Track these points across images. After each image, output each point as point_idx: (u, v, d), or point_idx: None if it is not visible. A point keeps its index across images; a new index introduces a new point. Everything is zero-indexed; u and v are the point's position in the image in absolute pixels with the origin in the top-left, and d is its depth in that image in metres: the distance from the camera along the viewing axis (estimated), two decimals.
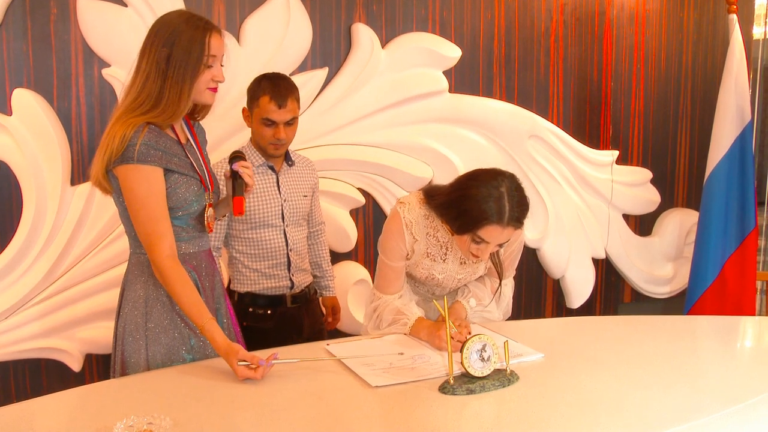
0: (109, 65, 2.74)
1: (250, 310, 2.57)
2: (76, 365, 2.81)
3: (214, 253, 2.17)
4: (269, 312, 2.58)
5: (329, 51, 3.14)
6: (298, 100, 2.53)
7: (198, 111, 2.02)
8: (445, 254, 2.17)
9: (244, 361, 1.70)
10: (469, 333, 1.96)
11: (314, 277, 2.79)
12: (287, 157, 2.61)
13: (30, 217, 2.66)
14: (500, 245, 2.01)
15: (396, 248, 2.14)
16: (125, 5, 2.72)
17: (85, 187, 2.73)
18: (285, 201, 2.57)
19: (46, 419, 1.56)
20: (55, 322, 2.75)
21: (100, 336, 2.79)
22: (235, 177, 2.01)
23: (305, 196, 2.66)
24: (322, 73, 3.10)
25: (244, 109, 2.55)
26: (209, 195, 1.98)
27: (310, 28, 3.05)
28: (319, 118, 3.11)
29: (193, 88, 1.86)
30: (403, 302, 2.19)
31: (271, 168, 2.57)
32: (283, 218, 2.56)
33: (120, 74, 2.72)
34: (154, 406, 1.55)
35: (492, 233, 1.92)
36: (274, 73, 2.55)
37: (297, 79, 3.02)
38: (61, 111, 2.71)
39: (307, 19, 3.03)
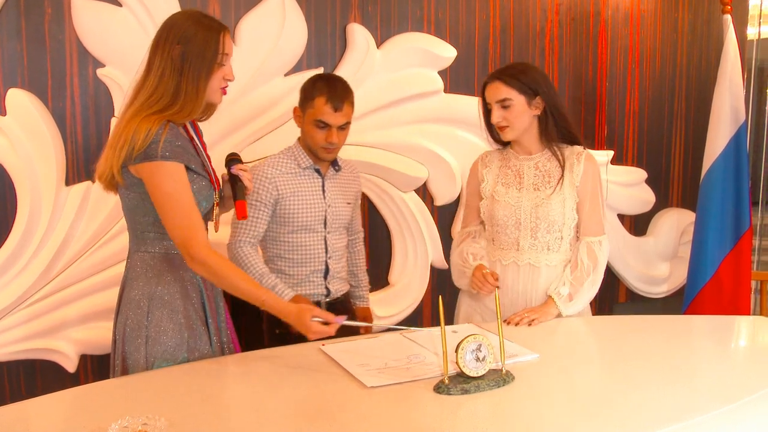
0: (103, 65, 2.74)
1: (276, 332, 2.40)
2: (70, 366, 2.80)
3: (243, 248, 2.37)
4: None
5: (324, 51, 3.14)
6: (353, 104, 2.48)
7: (204, 111, 2.02)
8: (520, 183, 2.35)
9: (318, 318, 1.79)
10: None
11: (350, 286, 2.72)
12: (334, 162, 2.55)
13: (24, 218, 2.65)
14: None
15: (469, 184, 2.53)
16: (120, 5, 2.71)
17: (80, 188, 2.73)
18: (329, 207, 2.51)
19: (40, 420, 1.56)
20: (50, 322, 2.75)
21: (96, 337, 2.79)
22: (234, 181, 2.01)
23: (348, 203, 2.60)
24: (317, 73, 3.10)
25: (295, 109, 2.50)
26: (216, 194, 1.99)
27: (305, 28, 3.05)
28: None
29: (208, 86, 1.87)
30: (470, 246, 2.45)
31: (318, 171, 2.51)
32: (325, 224, 2.51)
33: (115, 74, 2.72)
34: (149, 407, 1.55)
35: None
36: (329, 74, 2.52)
37: (292, 80, 3.03)
38: (56, 111, 2.70)
39: (302, 19, 3.03)
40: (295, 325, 1.84)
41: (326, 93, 2.38)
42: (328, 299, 2.55)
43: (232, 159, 2.07)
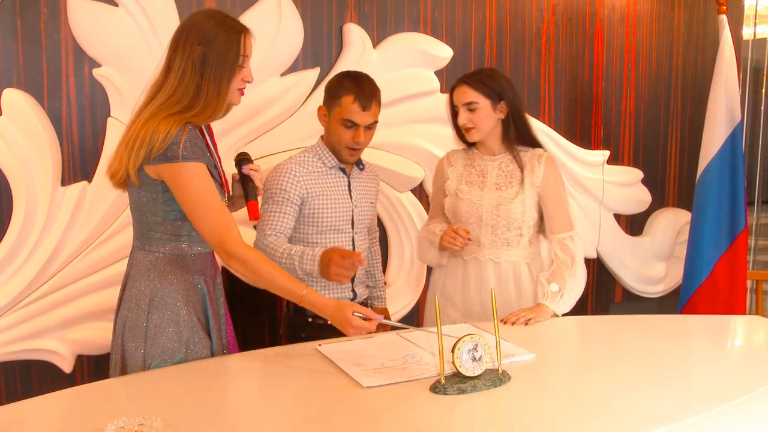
0: (99, 65, 2.73)
1: (310, 320, 2.39)
2: (67, 366, 2.79)
3: (267, 238, 2.31)
4: (330, 323, 2.37)
5: (321, 51, 3.14)
6: (380, 102, 2.42)
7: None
8: (483, 182, 2.46)
9: (359, 313, 1.79)
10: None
11: (366, 286, 2.66)
12: (358, 162, 2.51)
13: (20, 218, 2.65)
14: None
15: (435, 182, 2.64)
16: (116, 5, 2.71)
17: (76, 188, 2.72)
18: (355, 207, 2.47)
19: (36, 421, 1.55)
20: (46, 323, 2.74)
21: (92, 337, 2.78)
22: (245, 181, 2.01)
23: (372, 203, 2.57)
24: (313, 73, 3.10)
25: (320, 108, 2.44)
26: (227, 197, 1.99)
27: (301, 28, 3.04)
28: (311, 119, 3.09)
29: (229, 88, 1.86)
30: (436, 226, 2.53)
31: (343, 171, 2.46)
32: (352, 225, 2.46)
33: (111, 74, 2.71)
34: (146, 407, 1.54)
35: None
36: (356, 71, 2.43)
37: (288, 80, 3.03)
38: (52, 111, 2.70)
39: (298, 19, 3.03)
40: (334, 319, 1.82)
41: (354, 91, 2.33)
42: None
43: (243, 158, 2.06)
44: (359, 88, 2.34)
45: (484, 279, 2.46)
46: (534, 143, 2.49)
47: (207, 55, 1.82)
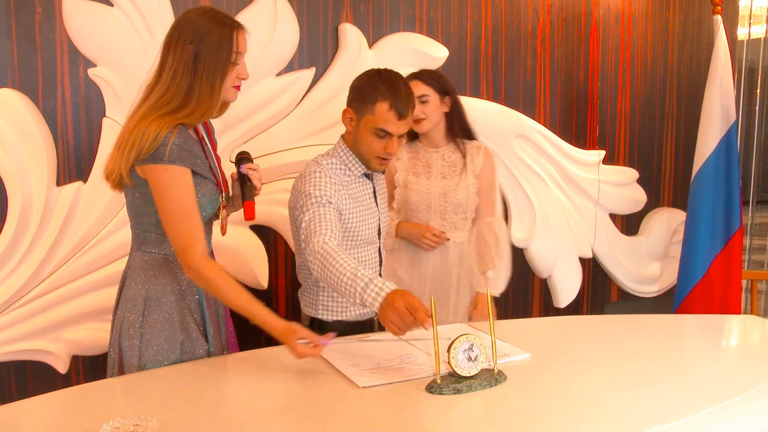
0: (95, 65, 2.72)
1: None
2: (62, 367, 2.79)
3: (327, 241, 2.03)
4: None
5: (316, 51, 3.14)
6: (415, 107, 2.22)
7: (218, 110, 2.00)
8: (429, 172, 2.65)
9: (304, 339, 1.75)
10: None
11: None
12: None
13: (15, 219, 2.64)
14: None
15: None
16: (111, 5, 2.70)
17: (71, 188, 2.71)
18: (381, 214, 2.34)
19: (31, 421, 1.55)
20: (41, 323, 2.73)
21: (87, 337, 2.78)
22: (243, 180, 2.00)
23: (390, 207, 2.57)
24: (309, 73, 3.10)
25: (346, 110, 2.20)
26: (223, 197, 1.98)
27: (297, 28, 3.04)
28: (306, 119, 3.10)
29: (223, 86, 1.85)
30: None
31: (368, 177, 2.28)
32: (379, 233, 2.33)
33: (106, 74, 2.71)
34: (141, 408, 1.54)
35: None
36: (388, 72, 2.18)
37: (284, 80, 3.03)
38: (47, 111, 2.69)
39: (294, 19, 3.03)
40: (281, 340, 1.78)
41: (390, 97, 2.09)
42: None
43: (243, 158, 2.05)
44: (395, 93, 2.10)
45: (433, 261, 2.67)
46: (471, 136, 2.73)
47: (200, 52, 1.81)
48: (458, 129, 2.68)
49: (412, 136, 2.69)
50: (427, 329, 1.65)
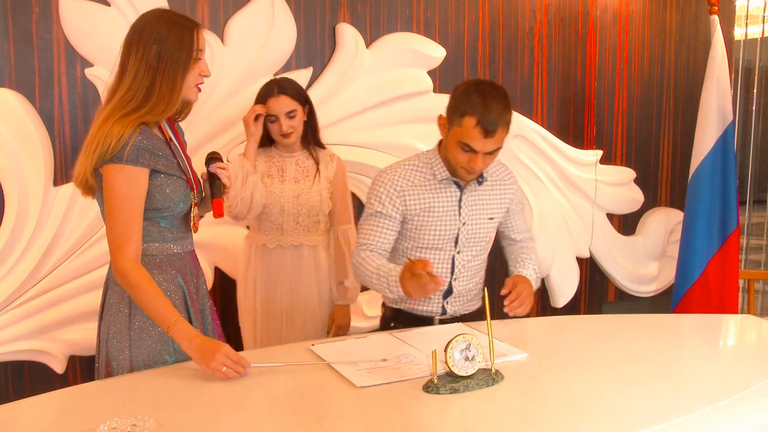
0: (92, 65, 2.72)
1: (392, 325, 2.32)
2: (59, 367, 2.79)
3: (361, 253, 2.22)
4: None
5: (313, 51, 3.13)
6: (509, 125, 2.10)
7: (180, 111, 2.01)
8: (282, 176, 2.65)
9: (227, 359, 1.70)
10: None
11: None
12: (479, 174, 2.23)
13: (12, 218, 2.64)
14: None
15: None
16: (108, 4, 2.70)
17: (68, 188, 2.71)
18: (463, 225, 2.24)
19: (28, 422, 1.55)
20: (38, 323, 2.73)
21: (84, 338, 2.77)
22: (212, 179, 2.01)
23: (491, 218, 2.31)
24: (306, 73, 3.10)
25: (440, 117, 2.17)
26: (194, 194, 1.98)
27: (294, 28, 3.04)
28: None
29: (185, 82, 1.86)
30: None
31: (456, 184, 2.22)
32: (456, 243, 2.26)
33: (103, 74, 2.70)
34: (138, 408, 1.54)
35: None
36: (486, 82, 2.11)
37: None
38: (44, 111, 2.69)
39: (291, 18, 3.03)
40: (196, 355, 1.74)
41: (478, 113, 2.01)
42: (442, 317, 2.33)
43: (212, 158, 2.07)
44: (485, 109, 2.01)
45: (287, 265, 2.68)
46: (322, 144, 2.77)
47: (161, 52, 1.82)
48: (311, 137, 2.71)
49: (269, 141, 2.69)
50: (439, 285, 1.92)
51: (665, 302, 4.02)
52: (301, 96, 2.64)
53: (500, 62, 3.58)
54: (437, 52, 3.34)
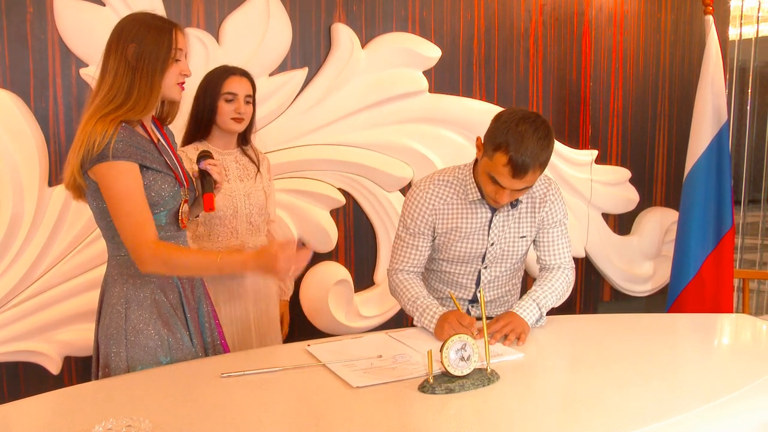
0: (86, 65, 2.72)
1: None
2: (54, 368, 2.78)
3: (398, 275, 2.25)
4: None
5: (309, 51, 3.13)
6: (544, 166, 2.00)
7: (167, 113, 2.02)
8: (227, 175, 2.46)
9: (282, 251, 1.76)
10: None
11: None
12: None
13: (7, 219, 2.63)
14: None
15: None
16: (103, 4, 2.70)
17: (63, 189, 2.69)
18: (491, 244, 2.22)
19: (24, 423, 1.55)
20: (34, 324, 2.73)
21: (79, 338, 2.77)
22: (203, 175, 2.03)
23: (523, 236, 2.24)
24: (301, 73, 3.10)
25: (479, 139, 2.10)
26: (185, 191, 1.98)
27: (289, 28, 3.04)
28: (299, 119, 3.10)
29: (163, 81, 1.87)
30: None
31: (488, 204, 2.18)
32: (483, 259, 2.25)
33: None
34: (134, 409, 1.54)
35: None
36: (532, 118, 1.97)
37: (276, 80, 3.03)
38: (38, 111, 2.68)
39: (286, 18, 3.02)
40: (259, 264, 1.79)
41: (511, 152, 1.92)
42: None
43: (203, 156, 2.08)
44: (519, 149, 1.91)
45: (247, 276, 2.53)
46: (249, 141, 2.62)
47: (140, 51, 1.84)
48: (248, 132, 2.56)
49: (204, 132, 2.48)
50: (477, 336, 1.86)
51: (660, 302, 4.03)
52: (254, 89, 2.53)
53: (495, 62, 3.58)
54: (433, 52, 3.35)
